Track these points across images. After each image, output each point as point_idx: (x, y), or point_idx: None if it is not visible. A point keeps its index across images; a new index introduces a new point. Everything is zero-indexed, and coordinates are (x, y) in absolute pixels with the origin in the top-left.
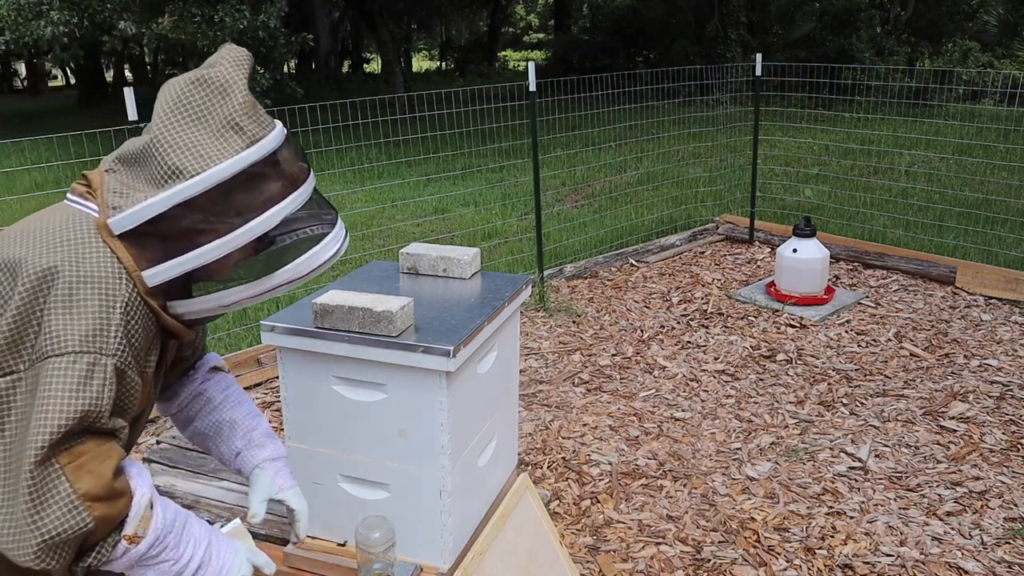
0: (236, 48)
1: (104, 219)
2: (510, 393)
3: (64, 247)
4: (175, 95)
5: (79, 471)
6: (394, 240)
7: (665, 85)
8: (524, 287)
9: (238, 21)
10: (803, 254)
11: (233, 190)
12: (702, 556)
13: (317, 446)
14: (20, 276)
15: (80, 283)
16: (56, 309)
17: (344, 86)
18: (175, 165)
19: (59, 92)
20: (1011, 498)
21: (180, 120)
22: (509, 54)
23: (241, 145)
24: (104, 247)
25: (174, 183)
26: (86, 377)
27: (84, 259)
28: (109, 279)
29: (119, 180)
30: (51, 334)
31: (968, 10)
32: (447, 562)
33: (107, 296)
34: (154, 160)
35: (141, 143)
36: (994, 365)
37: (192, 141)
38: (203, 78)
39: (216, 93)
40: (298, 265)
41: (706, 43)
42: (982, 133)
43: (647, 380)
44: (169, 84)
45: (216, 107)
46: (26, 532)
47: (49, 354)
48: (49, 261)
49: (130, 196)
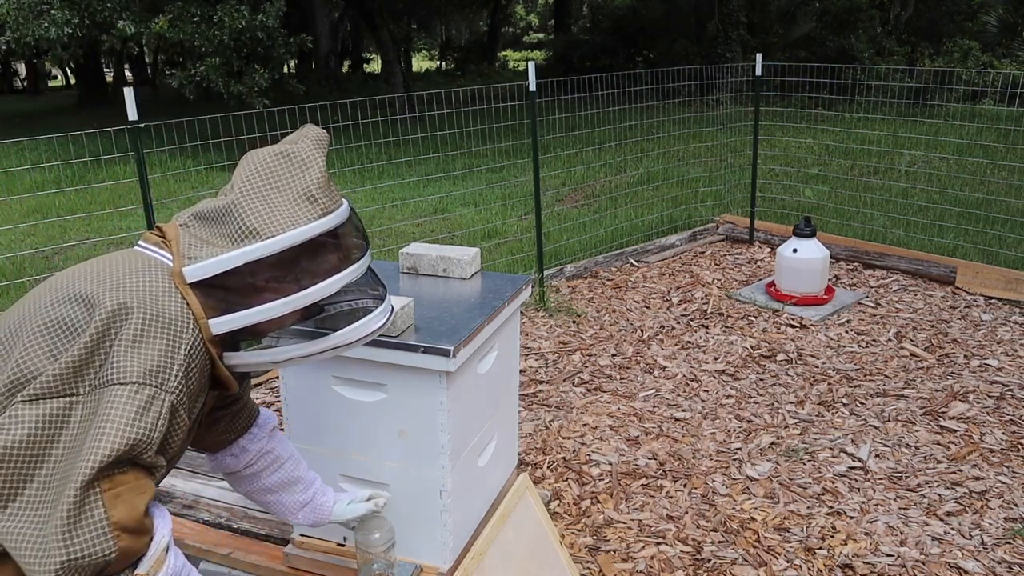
0: (316, 128)
1: (179, 267)
2: (510, 393)
3: (140, 287)
4: (259, 165)
5: (116, 499)
6: (394, 240)
7: (665, 85)
8: (524, 287)
9: (236, 20)
10: (803, 254)
11: (302, 255)
12: (702, 556)
13: (317, 446)
14: (97, 309)
15: (151, 321)
16: (126, 342)
17: (344, 86)
18: (252, 226)
19: (59, 92)
20: (1011, 498)
21: (261, 187)
22: (509, 54)
23: (314, 215)
24: (176, 292)
25: (250, 242)
26: (144, 408)
27: (157, 300)
28: (178, 322)
29: (195, 235)
30: (118, 364)
31: (968, 10)
32: (447, 562)
33: (174, 337)
34: (233, 219)
35: (220, 204)
36: (994, 365)
37: (270, 206)
38: (286, 152)
39: (297, 166)
40: (348, 332)
41: (706, 43)
42: (982, 133)
43: (647, 380)
44: (253, 154)
45: (295, 179)
46: (53, 549)
47: (113, 382)
48: (125, 298)
49: (205, 249)
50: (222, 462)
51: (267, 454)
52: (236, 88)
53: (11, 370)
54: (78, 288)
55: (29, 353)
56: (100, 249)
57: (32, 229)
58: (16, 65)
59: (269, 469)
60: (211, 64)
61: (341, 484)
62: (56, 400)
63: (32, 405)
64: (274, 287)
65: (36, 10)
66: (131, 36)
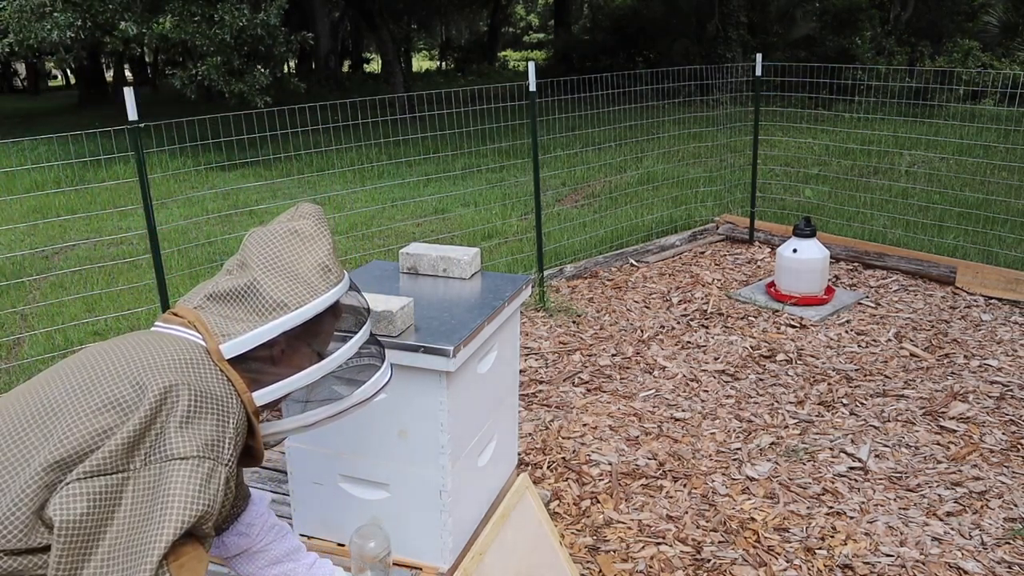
0: (313, 205)
1: (215, 345)
2: (510, 393)
3: (186, 367)
4: (271, 244)
5: (181, 570)
6: (394, 240)
7: (665, 85)
8: (524, 287)
9: (238, 19)
10: (803, 254)
11: (324, 322)
12: (702, 556)
13: (317, 446)
14: (147, 389)
15: (202, 398)
16: (179, 419)
17: (344, 86)
18: (279, 299)
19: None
20: (1011, 498)
21: (278, 263)
22: (509, 54)
23: (331, 283)
24: (217, 369)
25: (279, 314)
26: (206, 480)
27: (204, 378)
28: (224, 397)
29: (219, 314)
30: (173, 440)
31: (968, 10)
32: (447, 562)
33: (223, 412)
34: (257, 297)
35: (239, 284)
36: (994, 365)
37: (291, 280)
38: (295, 231)
39: (307, 242)
40: (367, 388)
41: (706, 43)
42: (982, 133)
43: (647, 380)
44: (260, 234)
45: (308, 254)
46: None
47: (172, 457)
48: (173, 378)
49: (236, 326)
50: (233, 543)
51: (274, 527)
52: (237, 87)
53: (58, 448)
54: (120, 368)
55: (78, 431)
56: (100, 249)
57: (32, 229)
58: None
59: (278, 539)
60: (212, 63)
61: (341, 484)
62: (111, 476)
63: (88, 482)
64: (307, 354)
65: (38, 12)
66: (133, 37)
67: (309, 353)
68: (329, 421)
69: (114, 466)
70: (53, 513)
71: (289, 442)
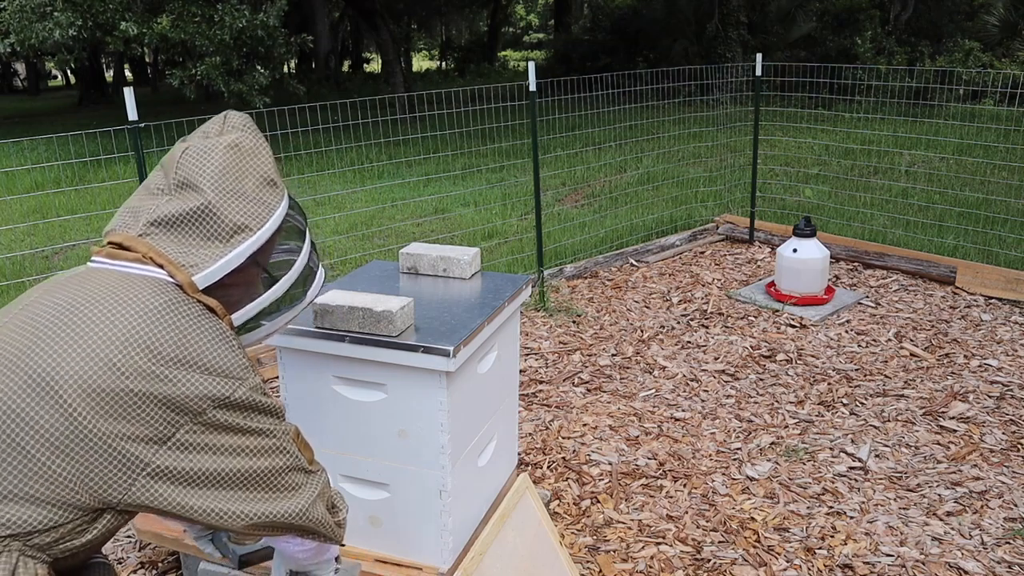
0: (239, 113)
1: (187, 278)
2: (510, 393)
3: (167, 313)
4: (217, 162)
5: (303, 446)
6: (394, 240)
7: (665, 85)
8: (524, 287)
9: (237, 20)
10: (803, 254)
11: (280, 234)
12: (702, 556)
13: (317, 446)
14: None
15: (198, 340)
16: (201, 369)
17: (344, 86)
18: (239, 223)
19: (59, 92)
20: (1011, 498)
21: (228, 183)
22: (509, 54)
23: (280, 197)
24: (195, 302)
25: (244, 237)
26: (260, 391)
27: (189, 316)
28: (214, 326)
29: (174, 242)
30: (218, 370)
31: (968, 10)
32: (447, 562)
33: (225, 337)
34: (215, 220)
35: (188, 207)
36: (994, 365)
37: (245, 200)
38: (234, 145)
39: (249, 156)
40: (317, 286)
41: (706, 43)
42: (982, 133)
43: (647, 380)
44: (198, 152)
45: (253, 168)
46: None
47: (229, 383)
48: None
49: (199, 255)
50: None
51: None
52: (236, 87)
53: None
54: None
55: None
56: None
57: (32, 229)
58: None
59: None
60: (211, 63)
61: (341, 484)
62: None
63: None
64: (274, 270)
65: (39, 12)
66: (133, 37)
67: (282, 266)
68: (276, 333)
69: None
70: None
71: None
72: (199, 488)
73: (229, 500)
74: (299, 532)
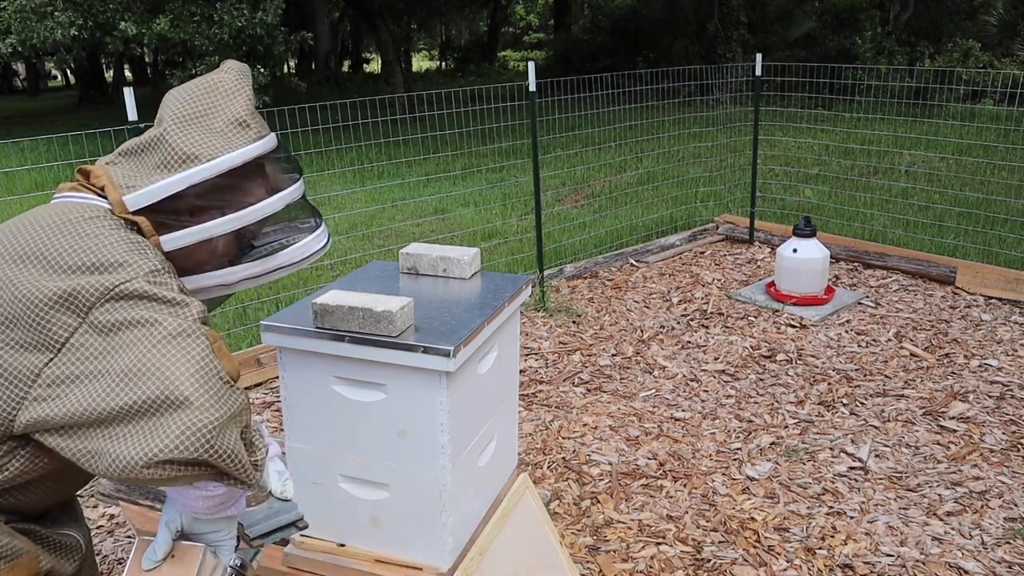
0: (237, 62)
1: (118, 197)
2: (510, 393)
3: (71, 228)
4: (185, 96)
5: (221, 353)
6: (394, 240)
7: (665, 85)
8: (524, 287)
9: (237, 19)
10: (803, 254)
11: (242, 178)
12: (702, 556)
13: (317, 446)
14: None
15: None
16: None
17: (344, 86)
18: (189, 151)
19: (58, 92)
20: (1011, 498)
21: (191, 116)
22: (509, 54)
23: (249, 139)
24: (119, 220)
25: (189, 166)
26: (174, 289)
27: (105, 232)
28: (128, 238)
29: (126, 168)
30: (116, 266)
31: (968, 10)
32: (447, 562)
33: (133, 242)
34: (165, 148)
35: (148, 136)
36: (994, 365)
37: (204, 132)
38: (211, 82)
39: (223, 95)
40: (292, 252)
41: (706, 43)
42: (982, 133)
43: (647, 380)
44: (175, 90)
45: (225, 107)
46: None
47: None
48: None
49: (142, 179)
50: None
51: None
52: None
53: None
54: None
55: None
56: None
57: None
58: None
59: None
60: (211, 63)
61: (341, 484)
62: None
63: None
64: (218, 207)
65: (39, 12)
66: (133, 37)
67: (230, 205)
68: (253, 282)
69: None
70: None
71: (289, 442)
72: (92, 400)
73: (126, 419)
74: (210, 473)
